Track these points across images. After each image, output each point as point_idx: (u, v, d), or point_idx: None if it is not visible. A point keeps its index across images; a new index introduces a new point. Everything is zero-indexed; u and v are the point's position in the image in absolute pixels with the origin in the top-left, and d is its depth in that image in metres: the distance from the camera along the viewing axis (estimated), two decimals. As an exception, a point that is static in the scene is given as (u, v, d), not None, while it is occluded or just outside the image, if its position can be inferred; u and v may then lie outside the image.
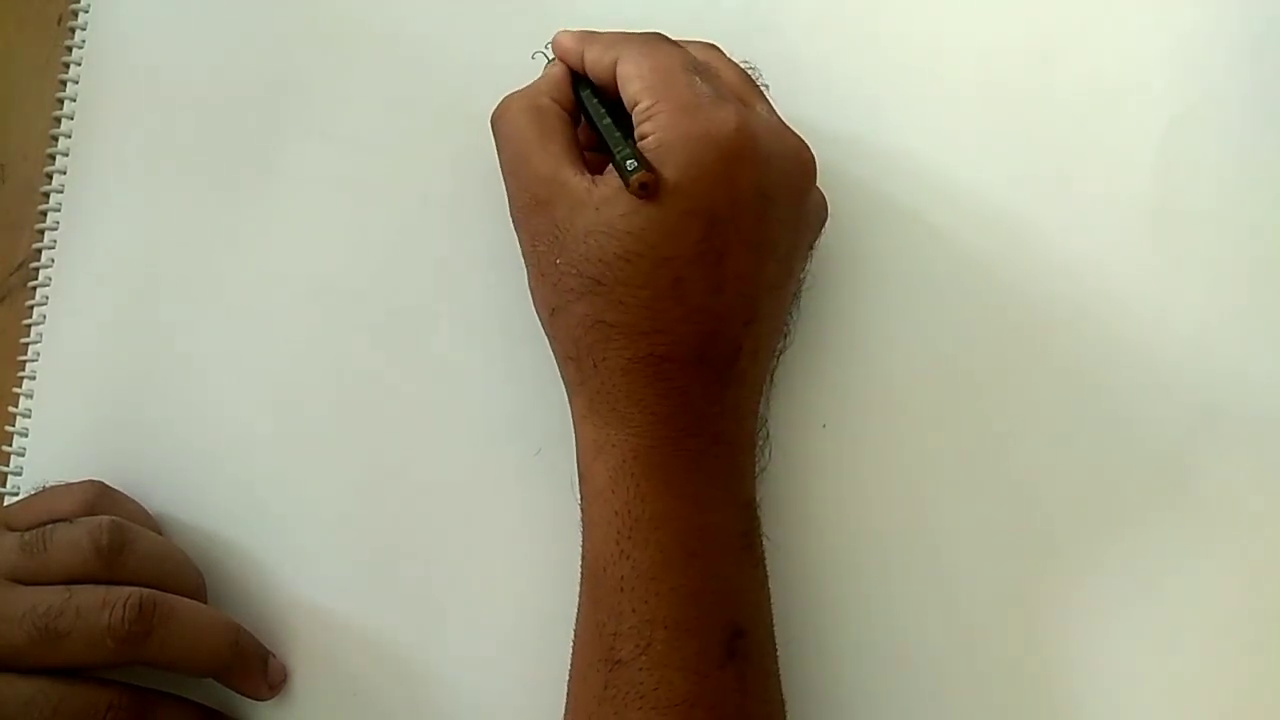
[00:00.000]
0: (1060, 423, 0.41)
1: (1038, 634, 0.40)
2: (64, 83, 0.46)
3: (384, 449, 0.42)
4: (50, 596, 0.36)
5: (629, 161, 0.35)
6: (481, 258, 0.43)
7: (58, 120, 0.46)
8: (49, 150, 0.46)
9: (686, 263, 0.35)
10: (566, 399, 0.38)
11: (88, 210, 0.45)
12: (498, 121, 0.39)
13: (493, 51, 0.45)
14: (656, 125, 0.35)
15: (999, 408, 0.41)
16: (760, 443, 0.38)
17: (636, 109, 0.36)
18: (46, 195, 0.45)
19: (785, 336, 0.40)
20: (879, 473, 0.41)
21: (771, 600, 0.37)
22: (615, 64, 0.38)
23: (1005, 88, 0.43)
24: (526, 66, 0.42)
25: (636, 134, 0.36)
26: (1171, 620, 0.40)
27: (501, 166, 0.39)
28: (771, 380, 0.40)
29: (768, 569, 0.37)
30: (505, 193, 0.39)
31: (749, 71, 0.40)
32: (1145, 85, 0.43)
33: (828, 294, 0.42)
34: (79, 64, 0.46)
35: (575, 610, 0.37)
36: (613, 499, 0.35)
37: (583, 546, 0.37)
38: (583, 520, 0.37)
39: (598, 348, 0.36)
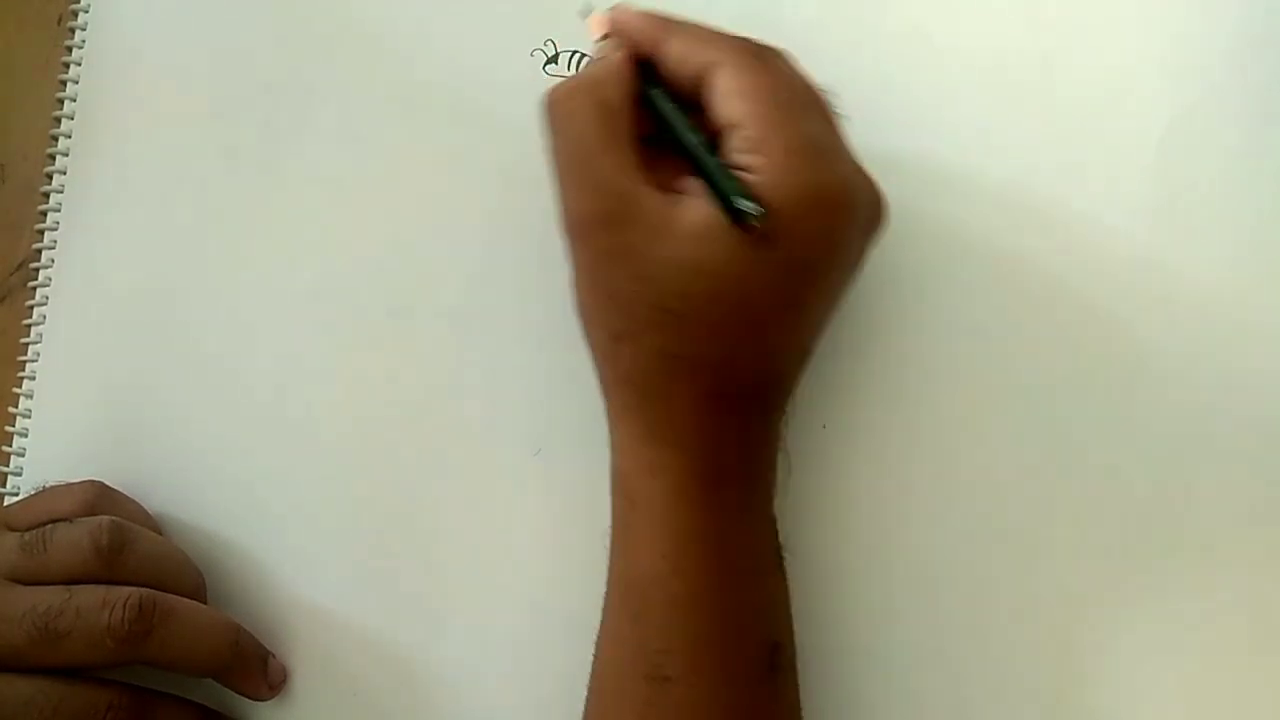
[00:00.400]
0: (1060, 426, 0.41)
1: (1051, 638, 0.40)
2: (64, 83, 0.46)
3: (384, 449, 0.42)
4: (50, 596, 0.36)
5: (741, 201, 0.33)
6: (482, 257, 0.43)
7: (58, 120, 0.46)
8: (49, 150, 0.46)
9: (771, 308, 0.34)
10: (609, 405, 0.37)
11: (88, 210, 0.45)
12: (554, 113, 0.36)
13: (493, 51, 0.45)
14: (765, 163, 0.33)
15: (999, 409, 0.41)
16: (779, 458, 0.38)
17: (739, 132, 0.34)
18: (46, 195, 0.45)
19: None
20: (885, 479, 0.41)
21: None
22: (708, 69, 0.35)
23: (1004, 88, 0.43)
24: (526, 66, 0.43)
25: (734, 162, 0.34)
26: (1178, 622, 0.40)
27: (556, 164, 0.36)
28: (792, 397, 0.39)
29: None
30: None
31: (830, 101, 0.37)
32: (1145, 85, 0.43)
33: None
34: (79, 64, 0.46)
35: (572, 608, 0.37)
36: (667, 517, 0.35)
37: (619, 559, 0.36)
38: (620, 533, 0.36)
39: (665, 378, 0.35)
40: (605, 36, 0.38)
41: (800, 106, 0.35)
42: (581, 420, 0.39)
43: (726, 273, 0.34)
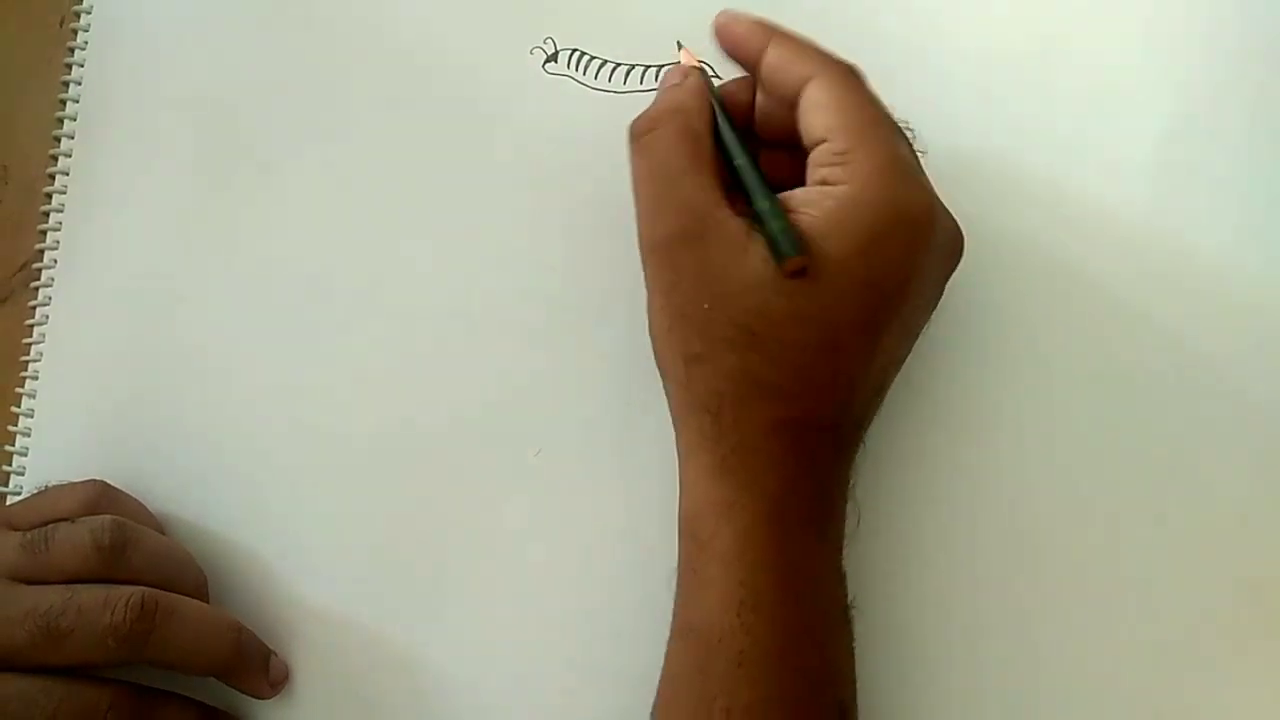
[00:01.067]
0: (1061, 429, 0.41)
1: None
2: (66, 84, 0.46)
3: (385, 449, 0.42)
4: (52, 596, 0.36)
5: (783, 234, 0.33)
6: (482, 257, 0.43)
7: (60, 121, 0.46)
8: (51, 151, 0.46)
9: (850, 331, 0.34)
10: (679, 438, 0.36)
11: (90, 211, 0.45)
12: (644, 138, 0.37)
13: (490, 47, 0.45)
14: (851, 177, 0.34)
15: (998, 412, 0.41)
16: (850, 509, 0.37)
17: (826, 145, 0.34)
18: (49, 196, 0.45)
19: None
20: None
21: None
22: (805, 82, 0.35)
23: (1004, 86, 0.43)
24: (527, 66, 0.43)
25: (818, 175, 0.34)
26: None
27: (638, 188, 0.37)
28: (864, 445, 0.38)
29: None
30: (636, 218, 0.36)
31: (909, 133, 0.38)
32: (1145, 84, 0.43)
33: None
34: (81, 65, 0.46)
35: (572, 608, 0.37)
36: (737, 566, 0.33)
37: (684, 605, 0.35)
38: (687, 578, 0.35)
39: (742, 404, 0.34)
40: (696, 66, 0.39)
41: (889, 127, 0.35)
42: (581, 420, 0.39)
43: (805, 290, 0.33)
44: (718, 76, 0.44)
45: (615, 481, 0.40)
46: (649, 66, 0.44)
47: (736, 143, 0.37)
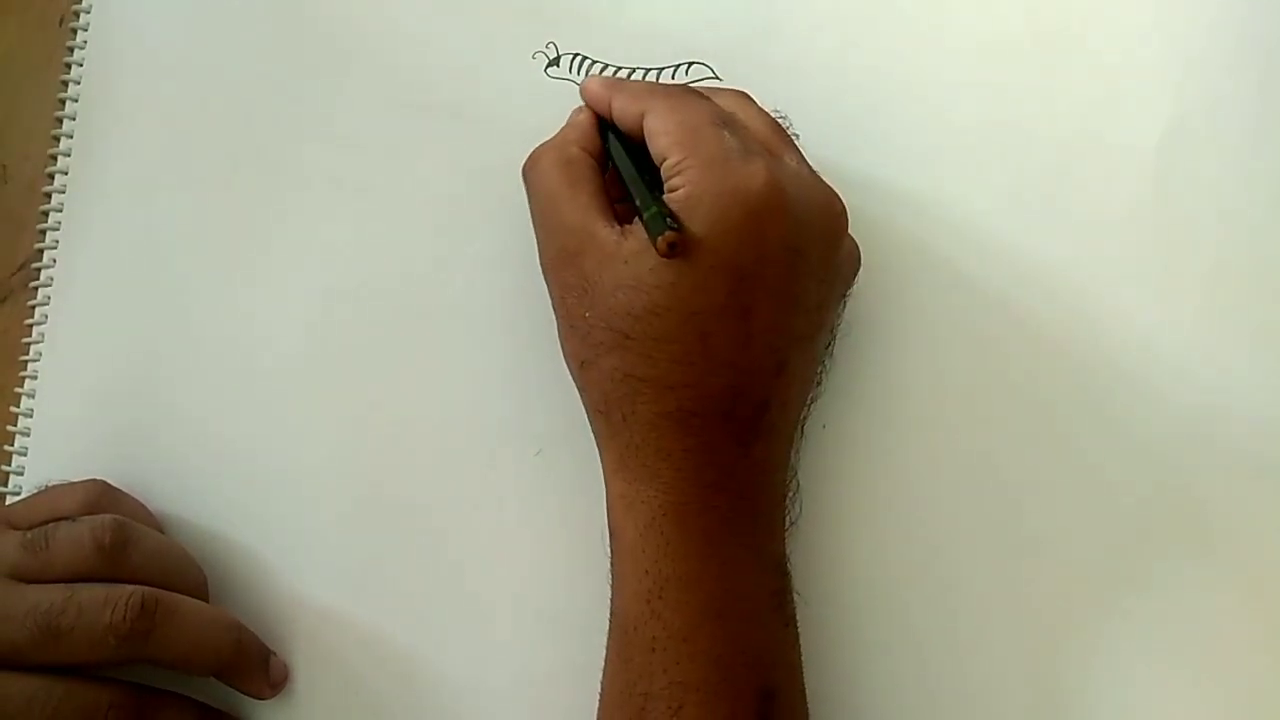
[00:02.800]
0: (1060, 428, 0.41)
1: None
2: (65, 83, 0.46)
3: (385, 449, 0.42)
4: (52, 595, 0.36)
5: (654, 218, 0.34)
6: (482, 257, 0.43)
7: (59, 120, 0.46)
8: (51, 150, 0.46)
9: (714, 317, 0.35)
10: (594, 440, 0.38)
11: (89, 210, 0.45)
12: (529, 173, 0.39)
13: (493, 51, 0.45)
14: (685, 180, 0.35)
15: (996, 412, 0.41)
16: (790, 495, 0.38)
17: (665, 164, 0.36)
18: (48, 195, 0.45)
19: (817, 385, 0.40)
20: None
21: (802, 657, 0.37)
22: (642, 116, 0.38)
23: (1003, 89, 0.43)
24: (527, 66, 0.43)
25: (667, 189, 0.36)
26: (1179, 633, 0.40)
27: (533, 218, 0.39)
28: (802, 431, 0.39)
29: (799, 626, 0.37)
30: (535, 241, 0.39)
31: (780, 120, 0.40)
32: (1144, 86, 0.43)
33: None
34: (80, 64, 0.46)
35: (572, 608, 0.37)
36: (642, 557, 0.35)
37: (612, 601, 0.36)
38: (612, 575, 0.37)
39: (626, 401, 0.35)
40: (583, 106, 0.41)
41: (716, 125, 0.36)
42: (581, 420, 0.39)
43: (660, 285, 0.34)
44: (717, 78, 0.44)
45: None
46: (651, 70, 0.44)
47: (620, 152, 0.39)
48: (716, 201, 0.35)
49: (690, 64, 0.44)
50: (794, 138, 0.40)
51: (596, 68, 0.44)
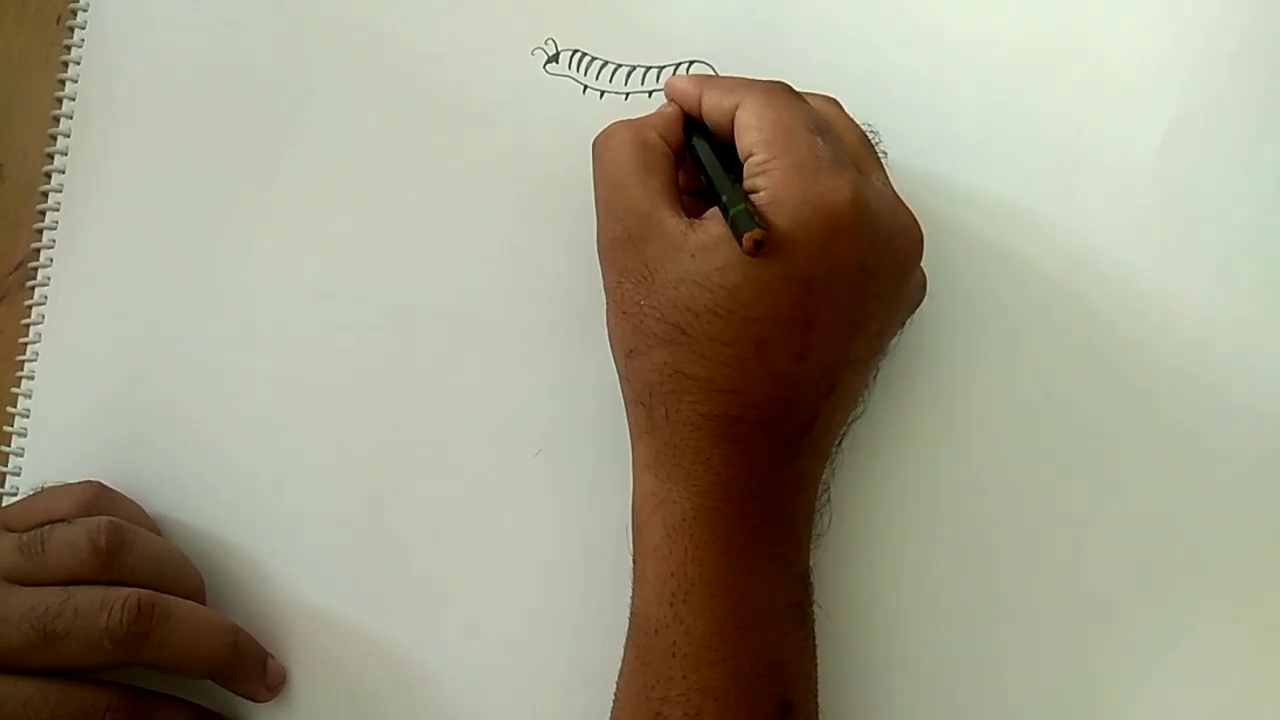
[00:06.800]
0: (1061, 429, 0.41)
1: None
2: (63, 82, 0.46)
3: (384, 449, 0.42)
4: (48, 597, 0.36)
5: (741, 215, 0.34)
6: (482, 257, 0.43)
7: (57, 120, 0.46)
8: (48, 150, 0.45)
9: (774, 325, 0.34)
10: (629, 444, 0.37)
11: (87, 210, 0.45)
12: (600, 147, 0.38)
13: (492, 48, 0.44)
14: (769, 181, 0.35)
15: (1005, 415, 0.41)
16: (819, 508, 0.37)
17: (751, 160, 0.35)
18: (45, 195, 0.45)
19: (860, 405, 0.39)
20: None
21: (819, 670, 0.36)
22: (735, 109, 0.37)
23: (1005, 88, 0.43)
24: (526, 62, 0.42)
25: (747, 186, 0.35)
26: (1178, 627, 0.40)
27: (596, 193, 0.38)
28: (839, 447, 0.38)
29: (817, 638, 0.36)
30: (595, 220, 0.38)
31: (870, 135, 0.39)
32: (1145, 86, 0.43)
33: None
34: (78, 63, 0.46)
35: (572, 608, 0.36)
36: (669, 558, 0.35)
37: (632, 601, 0.36)
38: (634, 573, 0.36)
39: (672, 398, 0.35)
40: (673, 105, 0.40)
41: (810, 130, 0.36)
42: (581, 420, 0.39)
43: (726, 285, 0.34)
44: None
45: (615, 481, 0.40)
46: (650, 68, 0.44)
47: (706, 148, 0.38)
48: (798, 208, 0.34)
49: (691, 62, 0.44)
50: (882, 155, 0.39)
51: (597, 64, 0.44)
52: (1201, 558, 0.40)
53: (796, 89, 0.38)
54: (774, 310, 0.34)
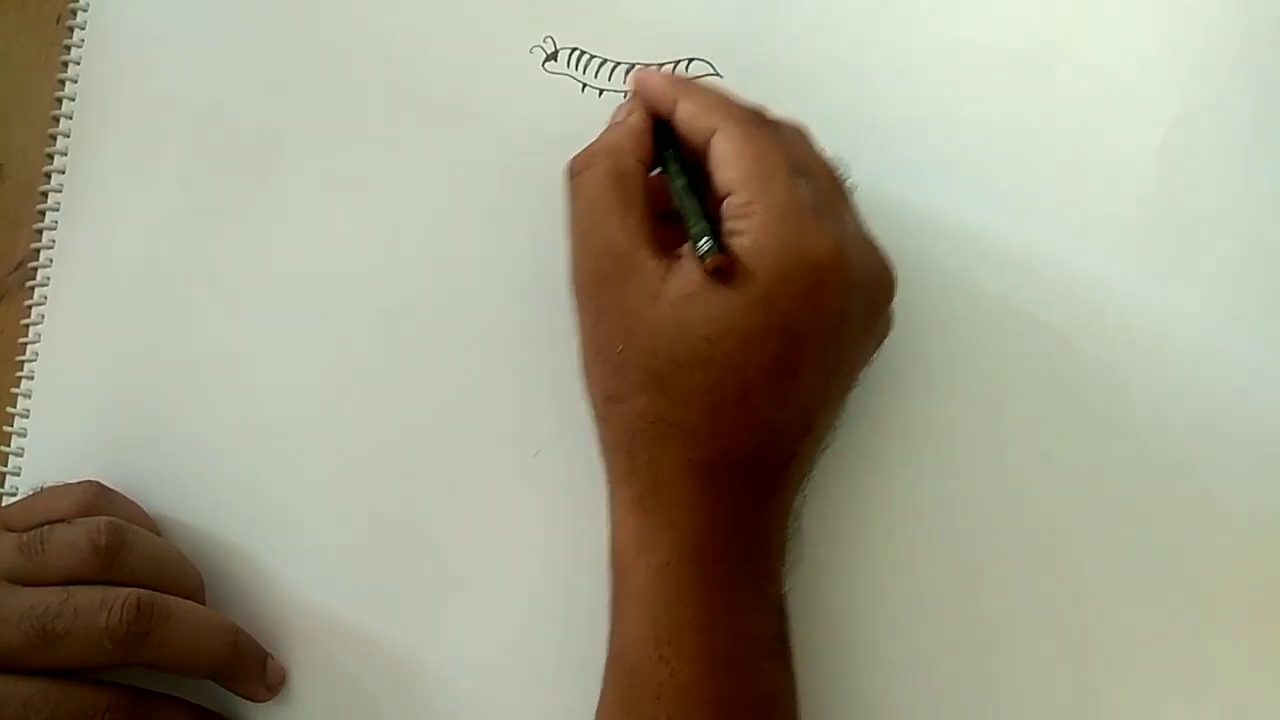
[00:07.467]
0: (1062, 432, 0.41)
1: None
2: (63, 82, 0.46)
3: (384, 450, 0.42)
4: (48, 597, 0.36)
5: (709, 247, 0.34)
6: (482, 257, 0.43)
7: (56, 120, 0.46)
8: (48, 150, 0.45)
9: (758, 375, 0.34)
10: (606, 475, 0.37)
11: (87, 210, 0.45)
12: (577, 178, 0.37)
13: (490, 45, 0.44)
14: (752, 226, 0.34)
15: (999, 413, 0.41)
16: (791, 536, 0.37)
17: (732, 200, 0.35)
18: (45, 195, 0.45)
19: (830, 435, 0.39)
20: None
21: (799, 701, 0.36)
22: (711, 133, 0.36)
23: (1005, 88, 0.43)
24: (524, 60, 0.42)
25: (728, 227, 0.35)
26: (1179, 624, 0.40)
27: (571, 225, 0.37)
28: (809, 475, 0.38)
29: (795, 667, 0.36)
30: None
31: (838, 169, 0.38)
32: (1146, 87, 0.43)
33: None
34: (78, 63, 0.46)
35: (572, 609, 0.36)
36: (654, 602, 0.34)
37: (613, 634, 0.36)
38: (613, 614, 0.36)
39: (655, 444, 0.35)
40: (638, 104, 0.39)
41: (791, 172, 0.35)
42: (581, 420, 0.39)
43: (709, 336, 0.34)
44: (718, 74, 0.43)
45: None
46: (649, 65, 0.44)
47: (675, 168, 0.37)
48: (782, 258, 0.34)
49: (690, 60, 0.44)
50: (850, 189, 0.38)
51: (595, 62, 0.44)
52: (1189, 577, 0.40)
53: (771, 116, 0.37)
54: (757, 360, 0.34)
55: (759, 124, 0.36)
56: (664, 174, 0.38)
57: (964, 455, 0.41)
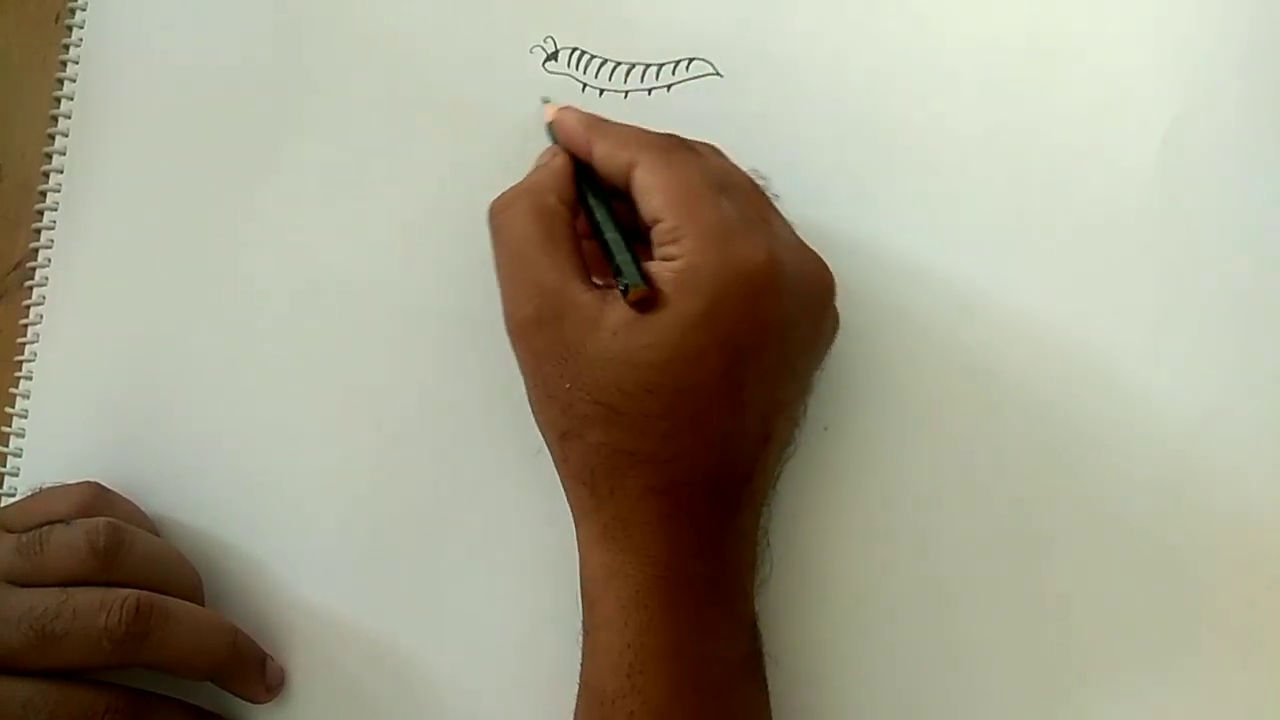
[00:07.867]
0: (1054, 437, 0.41)
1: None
2: (61, 81, 0.46)
3: (383, 450, 0.42)
4: (47, 598, 0.36)
5: (632, 280, 0.34)
6: (481, 257, 0.43)
7: (55, 119, 0.46)
8: (46, 149, 0.45)
9: (708, 392, 0.34)
10: (570, 509, 0.37)
11: (85, 210, 0.45)
12: (498, 219, 0.37)
13: (490, 45, 0.44)
14: (683, 250, 0.34)
15: (997, 428, 0.41)
16: (760, 554, 0.37)
17: (660, 227, 0.35)
18: (44, 194, 0.45)
19: (792, 444, 0.39)
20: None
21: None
22: (631, 167, 0.36)
23: (1004, 89, 0.43)
24: (524, 60, 0.42)
25: (660, 254, 0.35)
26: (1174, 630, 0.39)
27: (499, 270, 0.37)
28: (774, 489, 0.38)
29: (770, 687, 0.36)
30: (501, 296, 0.37)
31: (759, 181, 0.39)
32: (1146, 87, 0.43)
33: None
34: (77, 63, 0.46)
35: (572, 609, 0.36)
36: (624, 630, 0.34)
37: (582, 669, 0.36)
38: (584, 643, 0.36)
39: (615, 475, 0.35)
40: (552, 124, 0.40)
41: (714, 191, 0.35)
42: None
43: (655, 363, 0.34)
44: (718, 74, 0.43)
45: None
46: (650, 65, 0.44)
47: (598, 202, 0.37)
48: (717, 276, 0.34)
49: (691, 60, 0.44)
50: (774, 199, 0.38)
51: (595, 62, 0.44)
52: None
53: (684, 140, 0.37)
54: (706, 378, 0.34)
55: (675, 149, 0.37)
56: (586, 212, 0.38)
57: (947, 466, 0.41)
